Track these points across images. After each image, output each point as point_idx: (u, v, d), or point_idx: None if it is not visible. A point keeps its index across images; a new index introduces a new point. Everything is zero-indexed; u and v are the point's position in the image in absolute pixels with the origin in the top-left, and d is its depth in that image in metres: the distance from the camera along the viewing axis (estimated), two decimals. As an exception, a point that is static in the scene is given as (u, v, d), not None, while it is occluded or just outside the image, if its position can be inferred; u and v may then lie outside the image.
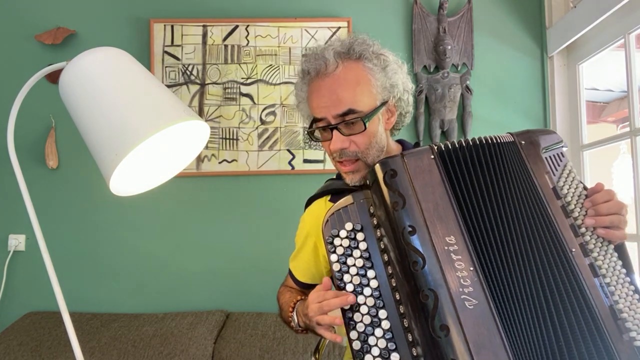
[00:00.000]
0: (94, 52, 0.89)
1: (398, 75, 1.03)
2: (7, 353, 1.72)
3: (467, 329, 0.75)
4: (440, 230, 0.80)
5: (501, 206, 0.83)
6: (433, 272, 0.78)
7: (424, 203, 0.81)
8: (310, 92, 1.02)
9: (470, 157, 0.85)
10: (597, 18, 1.80)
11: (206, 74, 2.12)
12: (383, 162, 0.86)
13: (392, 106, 1.04)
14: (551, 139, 0.91)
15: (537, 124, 2.19)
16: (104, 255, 2.07)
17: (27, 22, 2.11)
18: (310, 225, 1.16)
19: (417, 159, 0.85)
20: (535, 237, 0.83)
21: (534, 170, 0.87)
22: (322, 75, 0.98)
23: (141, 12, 2.13)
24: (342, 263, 0.87)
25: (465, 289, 0.77)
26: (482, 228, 0.81)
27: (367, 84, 0.98)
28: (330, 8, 2.17)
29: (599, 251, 0.83)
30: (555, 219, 0.84)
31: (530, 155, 0.88)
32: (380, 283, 0.85)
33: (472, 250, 0.79)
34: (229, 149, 2.10)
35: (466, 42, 2.18)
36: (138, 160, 0.96)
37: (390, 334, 0.82)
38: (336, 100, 0.96)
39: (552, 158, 0.90)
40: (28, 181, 0.95)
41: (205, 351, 1.73)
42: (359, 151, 0.99)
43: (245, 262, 2.08)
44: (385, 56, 1.02)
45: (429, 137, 2.15)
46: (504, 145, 0.88)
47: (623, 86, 1.79)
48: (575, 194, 0.87)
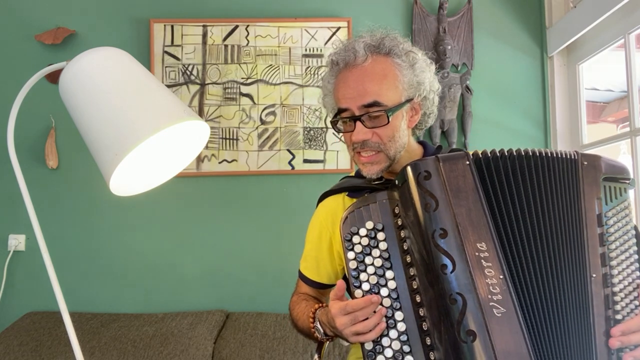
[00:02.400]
0: (94, 52, 0.89)
1: (425, 74, 1.04)
2: (7, 353, 1.72)
3: (494, 336, 0.74)
4: (472, 235, 0.79)
5: (535, 218, 0.82)
6: (462, 276, 0.77)
7: (457, 207, 0.81)
8: (337, 82, 1.03)
9: (511, 166, 0.84)
10: (597, 18, 1.80)
11: (206, 74, 2.12)
12: (416, 163, 0.85)
13: (417, 104, 1.04)
14: (618, 170, 0.89)
15: (537, 124, 2.19)
16: (104, 255, 2.07)
17: (27, 22, 2.11)
18: (325, 220, 1.14)
19: (452, 164, 0.84)
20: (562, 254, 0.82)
21: (585, 191, 0.85)
22: (350, 67, 1.00)
23: (141, 12, 2.13)
24: (360, 261, 0.86)
25: (494, 296, 0.76)
26: (514, 238, 0.81)
27: (394, 78, 0.99)
28: (330, 8, 2.17)
29: (622, 289, 0.82)
30: (587, 243, 0.83)
31: (587, 176, 0.86)
32: (399, 284, 0.84)
33: (502, 259, 0.79)
34: (229, 149, 2.10)
35: (466, 42, 2.18)
36: (138, 160, 0.96)
37: (405, 336, 0.81)
38: (362, 91, 0.97)
39: (612, 189, 0.87)
40: (28, 181, 0.95)
41: (205, 351, 1.73)
42: (382, 143, 0.99)
43: (245, 262, 2.08)
44: (414, 54, 1.03)
45: (429, 137, 2.15)
46: (560, 161, 0.86)
47: (623, 86, 1.79)
48: (622, 229, 0.85)
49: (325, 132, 2.11)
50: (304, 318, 1.06)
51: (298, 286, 1.22)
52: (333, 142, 2.11)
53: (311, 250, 1.17)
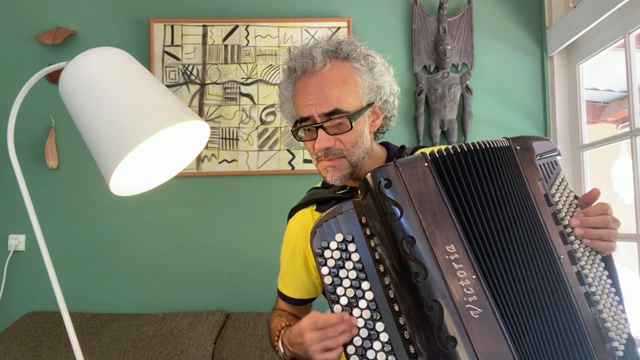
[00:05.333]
0: (94, 52, 0.89)
1: (385, 77, 1.02)
2: (7, 353, 1.72)
3: (475, 339, 0.73)
4: (440, 239, 0.78)
5: (498, 212, 0.82)
6: (436, 282, 0.76)
7: (422, 212, 0.79)
8: (296, 90, 1.00)
9: (465, 162, 0.83)
10: (597, 18, 1.80)
11: (206, 74, 2.12)
12: (375, 172, 0.83)
13: (378, 108, 1.03)
14: (546, 146, 0.91)
15: (537, 124, 2.19)
16: (104, 255, 2.07)
17: (27, 22, 2.11)
18: (296, 236, 1.13)
19: (411, 167, 0.82)
20: (527, 242, 0.82)
21: (527, 176, 0.86)
22: (308, 73, 0.97)
23: (141, 12, 2.13)
24: (335, 276, 0.84)
25: (469, 297, 0.76)
26: (481, 235, 0.80)
27: (354, 83, 0.97)
28: (330, 8, 2.17)
29: (587, 260, 0.84)
30: (545, 226, 0.84)
31: (524, 161, 0.87)
32: (376, 295, 0.82)
33: (472, 258, 0.78)
34: (229, 149, 2.10)
35: (466, 42, 2.18)
36: (138, 160, 0.96)
37: (389, 346, 0.80)
38: (323, 98, 0.95)
39: (546, 166, 0.89)
40: (28, 181, 0.95)
41: (205, 351, 1.73)
42: (345, 149, 0.98)
43: (245, 262, 2.08)
44: (372, 57, 1.01)
45: (429, 137, 2.15)
46: (499, 150, 0.86)
47: (623, 86, 1.79)
48: (567, 203, 0.86)
49: (325, 132, 2.11)
50: (272, 335, 1.06)
51: (277, 303, 1.21)
52: (333, 142, 2.11)
53: (287, 268, 1.17)
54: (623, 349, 0.80)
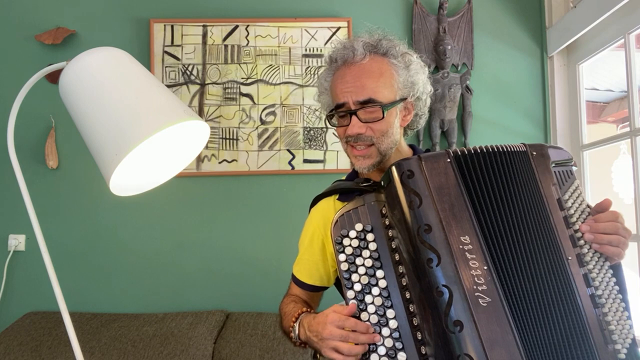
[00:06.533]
0: (94, 52, 0.89)
1: (419, 75, 1.08)
2: (7, 353, 1.72)
3: (481, 325, 0.77)
4: (456, 229, 0.82)
5: (511, 209, 0.86)
6: (448, 269, 0.80)
7: (440, 203, 0.84)
8: (334, 79, 1.07)
9: (484, 162, 0.88)
10: (597, 18, 1.80)
11: (206, 74, 2.12)
12: (399, 163, 0.88)
13: (410, 104, 1.09)
14: (562, 154, 0.95)
15: (537, 123, 2.19)
16: (104, 255, 2.06)
17: (27, 22, 2.11)
18: (317, 223, 1.16)
19: (434, 162, 0.87)
20: (537, 241, 0.85)
21: (541, 180, 0.90)
22: (348, 64, 1.04)
23: (141, 12, 2.13)
24: (351, 263, 0.88)
25: (479, 286, 0.79)
26: (495, 230, 0.84)
27: (389, 77, 1.03)
28: (330, 8, 2.17)
29: (595, 264, 0.86)
30: (556, 227, 0.87)
31: (539, 165, 0.91)
32: (389, 283, 0.86)
33: (485, 250, 0.82)
34: (229, 149, 2.10)
35: (466, 42, 2.18)
36: (138, 160, 0.96)
37: (397, 333, 0.83)
38: (359, 87, 1.01)
39: (562, 173, 0.93)
40: (28, 181, 0.95)
41: (205, 351, 1.73)
42: (375, 137, 1.03)
43: (245, 262, 2.08)
44: (410, 56, 1.08)
45: (429, 137, 2.15)
46: (517, 154, 0.91)
47: (623, 86, 1.80)
48: (579, 209, 0.90)
49: (325, 132, 2.11)
50: (288, 317, 1.09)
51: (290, 288, 1.24)
52: (333, 142, 2.11)
53: (304, 254, 1.20)
54: (625, 352, 0.83)
